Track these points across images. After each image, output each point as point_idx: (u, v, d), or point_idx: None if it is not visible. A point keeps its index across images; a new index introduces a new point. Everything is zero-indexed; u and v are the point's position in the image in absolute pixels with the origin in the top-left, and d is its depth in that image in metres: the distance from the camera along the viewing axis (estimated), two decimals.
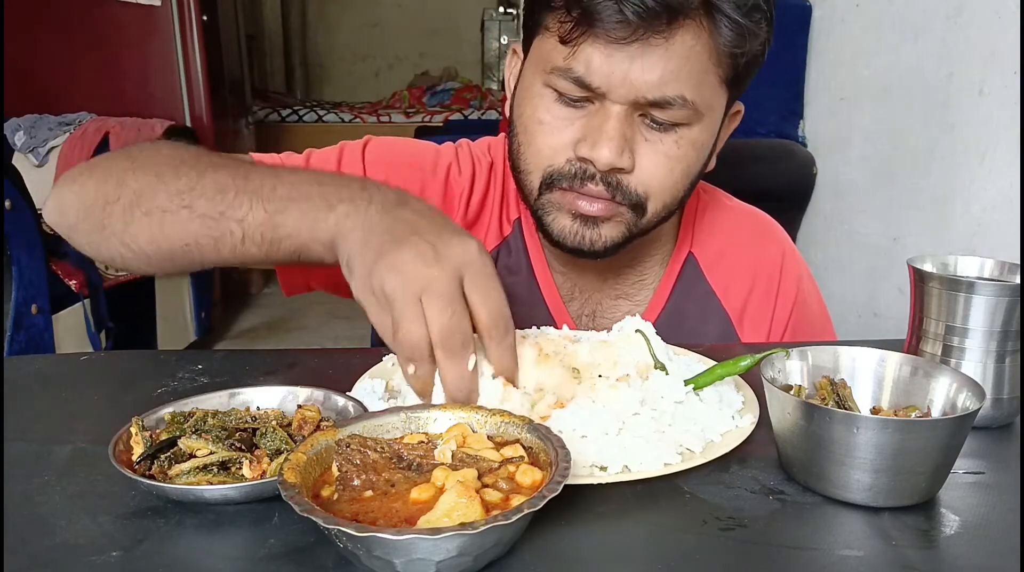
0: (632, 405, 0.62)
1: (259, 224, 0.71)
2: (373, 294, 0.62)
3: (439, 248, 0.61)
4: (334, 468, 0.52)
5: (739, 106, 0.91)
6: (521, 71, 0.89)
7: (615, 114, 0.79)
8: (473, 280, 0.62)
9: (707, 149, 0.87)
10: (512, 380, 0.64)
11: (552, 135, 0.83)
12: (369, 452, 0.53)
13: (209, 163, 0.76)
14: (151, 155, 0.80)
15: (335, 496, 0.50)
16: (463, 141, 1.03)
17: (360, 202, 0.68)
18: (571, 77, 0.79)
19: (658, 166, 0.82)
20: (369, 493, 0.50)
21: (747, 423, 0.65)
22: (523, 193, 0.89)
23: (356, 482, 0.51)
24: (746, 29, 0.77)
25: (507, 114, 0.92)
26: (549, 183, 0.84)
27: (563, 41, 0.78)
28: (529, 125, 0.85)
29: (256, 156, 0.92)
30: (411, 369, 0.62)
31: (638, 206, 0.84)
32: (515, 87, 0.90)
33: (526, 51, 0.88)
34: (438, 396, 0.63)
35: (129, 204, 0.75)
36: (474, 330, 0.62)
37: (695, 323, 0.99)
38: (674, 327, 0.97)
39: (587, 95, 0.80)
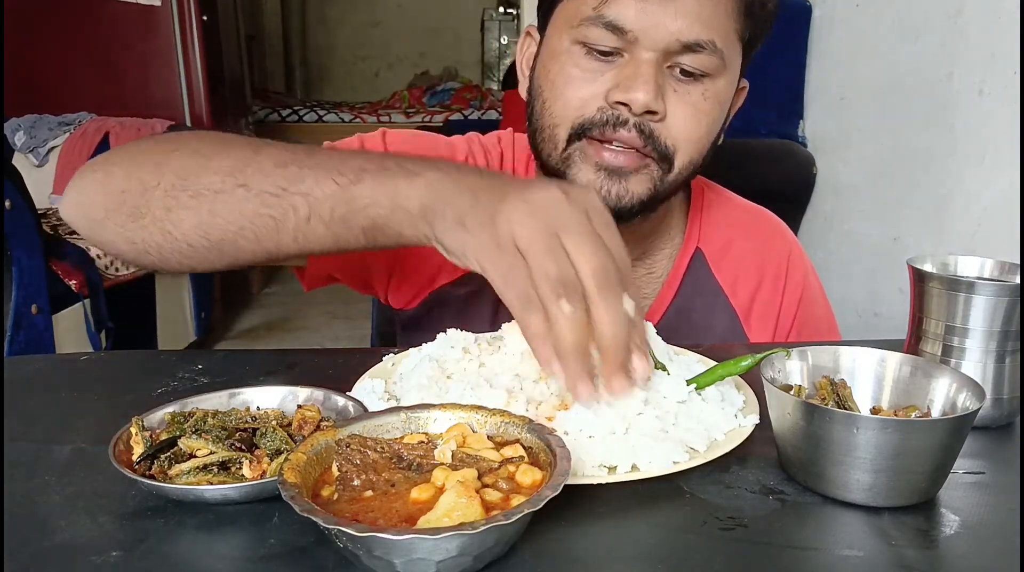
0: (636, 405, 0.62)
1: (328, 197, 0.64)
2: (497, 244, 0.57)
3: (567, 190, 0.59)
4: (334, 468, 0.52)
5: (744, 82, 0.92)
6: (540, 46, 0.89)
7: (647, 60, 0.80)
8: (598, 224, 0.58)
9: (726, 108, 0.87)
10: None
11: (583, 86, 0.82)
12: (369, 452, 0.53)
13: (260, 142, 0.71)
14: (188, 138, 0.74)
15: (335, 496, 0.50)
16: (472, 134, 1.03)
17: (448, 168, 0.63)
18: (603, 23, 0.79)
19: (687, 117, 0.82)
20: (369, 493, 0.50)
21: (750, 422, 0.65)
22: (545, 154, 0.87)
23: (356, 482, 0.51)
24: None
25: (524, 95, 0.92)
26: (579, 133, 0.83)
27: None
28: (557, 80, 0.84)
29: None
30: (567, 309, 0.55)
31: (666, 158, 0.83)
32: (534, 65, 0.90)
33: (543, 30, 0.89)
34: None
35: (172, 187, 0.68)
36: None
37: (703, 317, 1.00)
38: (682, 321, 0.97)
39: (618, 46, 0.80)
